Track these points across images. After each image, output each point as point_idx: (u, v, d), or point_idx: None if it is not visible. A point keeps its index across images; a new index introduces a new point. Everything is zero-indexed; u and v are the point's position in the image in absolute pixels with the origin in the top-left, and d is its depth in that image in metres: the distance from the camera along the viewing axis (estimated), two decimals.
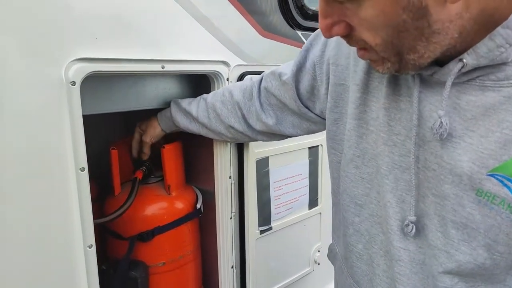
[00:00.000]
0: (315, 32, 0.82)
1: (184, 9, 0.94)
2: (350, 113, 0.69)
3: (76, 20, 0.77)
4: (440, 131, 0.52)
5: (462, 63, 0.50)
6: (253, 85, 0.95)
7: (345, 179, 0.72)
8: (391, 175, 0.62)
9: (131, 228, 1.08)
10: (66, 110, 0.77)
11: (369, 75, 0.66)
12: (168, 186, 1.14)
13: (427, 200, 0.58)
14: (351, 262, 0.74)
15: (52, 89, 0.75)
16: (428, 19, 0.46)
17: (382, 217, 0.66)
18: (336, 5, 0.50)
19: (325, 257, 1.50)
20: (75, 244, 0.82)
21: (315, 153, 1.42)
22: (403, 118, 0.60)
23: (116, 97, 0.99)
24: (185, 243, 1.17)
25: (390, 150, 0.62)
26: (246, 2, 1.10)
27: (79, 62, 0.78)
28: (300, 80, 0.83)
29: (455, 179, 0.54)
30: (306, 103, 0.85)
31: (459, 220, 0.54)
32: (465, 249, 0.55)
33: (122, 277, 1.04)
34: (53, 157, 0.77)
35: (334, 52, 0.74)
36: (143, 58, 0.89)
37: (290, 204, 1.36)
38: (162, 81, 1.09)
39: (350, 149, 0.70)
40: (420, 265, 0.62)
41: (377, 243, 0.68)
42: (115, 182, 1.12)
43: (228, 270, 1.22)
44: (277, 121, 0.91)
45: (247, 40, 1.12)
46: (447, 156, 0.54)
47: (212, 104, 0.99)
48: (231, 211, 1.19)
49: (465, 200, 0.53)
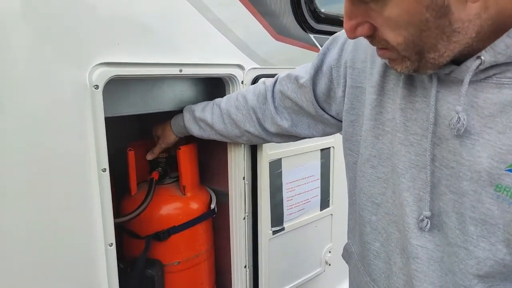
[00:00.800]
0: (332, 37, 0.84)
1: (201, 13, 0.97)
2: (366, 114, 0.71)
3: (99, 26, 0.80)
4: (457, 126, 0.54)
5: (480, 60, 0.51)
6: (266, 89, 0.96)
7: (362, 179, 0.74)
8: (407, 174, 0.63)
9: (148, 227, 1.11)
10: (90, 112, 0.80)
11: (385, 78, 0.68)
12: (183, 187, 1.16)
13: (445, 198, 0.59)
14: (368, 260, 0.75)
15: (76, 92, 0.78)
16: (450, 18, 0.48)
17: (397, 215, 0.67)
18: (361, 6, 0.52)
19: (336, 258, 1.52)
20: (96, 242, 0.85)
21: (327, 155, 1.43)
22: (419, 118, 0.61)
23: (135, 100, 1.02)
24: (199, 243, 1.20)
25: (406, 150, 0.63)
26: (260, 7, 1.12)
27: (102, 67, 0.80)
28: (317, 83, 0.85)
29: (474, 176, 0.54)
30: (322, 105, 0.87)
31: (478, 216, 0.55)
32: (484, 245, 0.55)
33: (139, 275, 1.06)
34: (76, 158, 0.80)
35: (351, 56, 0.76)
36: (162, 62, 0.91)
37: (302, 205, 1.38)
38: (179, 84, 1.11)
39: (366, 150, 0.71)
40: (438, 262, 0.62)
41: (393, 241, 0.69)
42: (131, 182, 1.15)
43: (241, 269, 1.25)
44: (292, 123, 0.94)
45: (261, 43, 1.14)
46: (466, 153, 0.55)
47: (226, 110, 1.01)
48: (244, 211, 1.21)
49: (483, 196, 0.54)
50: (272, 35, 1.18)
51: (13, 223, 0.73)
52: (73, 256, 0.82)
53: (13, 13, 0.68)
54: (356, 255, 0.83)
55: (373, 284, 0.75)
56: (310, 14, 1.29)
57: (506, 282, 0.57)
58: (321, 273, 1.55)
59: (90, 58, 0.79)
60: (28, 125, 0.72)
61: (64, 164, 0.78)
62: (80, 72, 0.78)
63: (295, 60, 1.26)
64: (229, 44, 1.06)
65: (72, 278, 0.83)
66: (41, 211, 0.76)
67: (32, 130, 0.73)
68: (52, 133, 0.76)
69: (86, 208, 0.82)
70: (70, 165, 0.79)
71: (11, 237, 0.73)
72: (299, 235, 1.41)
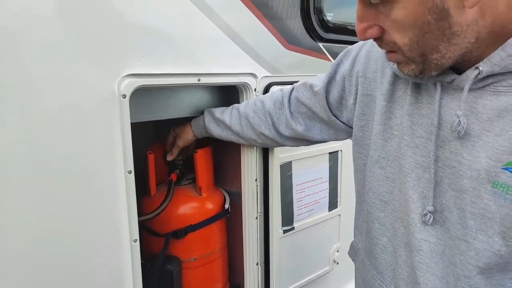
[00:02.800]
0: (345, 50, 0.91)
1: (219, 28, 1.04)
2: (376, 120, 0.78)
3: (128, 41, 0.87)
4: (458, 128, 0.60)
5: (478, 70, 0.58)
6: (283, 95, 1.04)
7: (371, 178, 0.80)
8: (413, 174, 0.69)
9: (166, 225, 1.18)
10: (118, 119, 0.87)
11: (394, 86, 0.75)
12: (199, 188, 1.23)
13: (447, 195, 0.65)
14: (376, 254, 0.81)
15: (107, 101, 0.85)
16: (449, 21, 0.55)
17: (402, 212, 0.73)
18: (371, 10, 0.59)
19: (344, 257, 1.57)
20: (123, 238, 0.92)
21: (335, 158, 1.49)
22: (424, 122, 0.68)
23: (156, 107, 1.09)
24: (214, 241, 1.26)
25: (412, 151, 0.69)
26: (272, 19, 1.19)
27: (129, 78, 0.88)
28: (330, 91, 0.92)
29: (473, 174, 0.60)
30: (334, 112, 0.93)
31: (477, 211, 0.60)
32: (482, 237, 0.61)
33: (159, 270, 1.13)
34: (105, 161, 0.88)
35: (362, 67, 0.83)
36: (182, 73, 0.99)
37: (311, 206, 1.44)
38: (196, 92, 1.19)
39: (376, 152, 0.78)
40: (440, 255, 0.68)
41: (399, 236, 0.75)
42: (151, 183, 1.22)
43: (253, 267, 1.31)
44: (306, 127, 1.00)
45: (273, 53, 1.21)
46: (466, 153, 0.61)
47: (244, 113, 1.08)
48: (256, 211, 1.27)
49: (482, 192, 0.59)
50: (283, 44, 1.25)
51: (49, 220, 0.81)
52: (102, 250, 0.90)
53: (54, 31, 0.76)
54: (362, 251, 0.88)
55: (379, 277, 0.81)
56: (319, 23, 1.36)
57: (503, 273, 0.63)
58: (329, 272, 1.60)
59: (119, 70, 0.86)
60: (62, 131, 0.80)
61: (94, 166, 0.86)
62: (110, 83, 0.85)
63: (305, 68, 1.33)
64: (243, 55, 1.13)
65: (101, 270, 0.90)
66: (73, 209, 0.84)
67: (66, 135, 0.81)
68: (84, 138, 0.83)
69: (114, 206, 0.90)
70: (99, 167, 0.87)
71: (49, 233, 0.81)
72: (308, 234, 1.47)
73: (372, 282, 0.84)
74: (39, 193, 0.79)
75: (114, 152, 0.88)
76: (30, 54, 0.74)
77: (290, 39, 1.27)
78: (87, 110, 0.83)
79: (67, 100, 0.80)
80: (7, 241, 0.76)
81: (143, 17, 0.90)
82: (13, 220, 0.76)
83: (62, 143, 0.80)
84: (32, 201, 0.78)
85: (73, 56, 0.80)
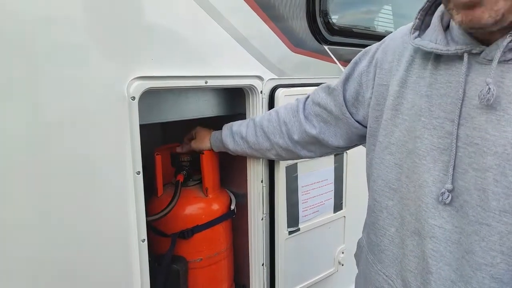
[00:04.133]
0: (364, 50, 0.91)
1: (226, 31, 1.06)
2: (387, 105, 0.77)
3: (137, 44, 0.89)
4: (487, 96, 0.58)
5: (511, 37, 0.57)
6: (298, 102, 1.05)
7: (380, 166, 0.78)
8: (428, 157, 0.67)
9: (173, 226, 1.20)
10: (127, 121, 0.89)
11: (408, 72, 0.74)
12: (206, 189, 1.25)
13: (467, 176, 0.62)
14: (383, 246, 0.79)
15: (116, 103, 0.87)
16: None
17: (410, 199, 0.71)
18: None
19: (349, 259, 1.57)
20: (131, 238, 0.94)
21: (340, 159, 1.49)
22: (443, 102, 0.66)
23: (164, 109, 1.11)
24: (220, 241, 1.28)
25: (429, 133, 0.67)
26: (279, 22, 1.20)
27: (138, 80, 0.90)
28: (347, 88, 0.92)
29: (498, 150, 0.58)
30: (350, 109, 0.92)
31: (501, 190, 0.58)
32: (507, 219, 0.58)
33: (166, 270, 1.15)
34: (115, 162, 0.89)
35: (380, 59, 0.83)
36: (190, 75, 1.00)
37: (316, 207, 1.45)
38: (203, 94, 1.20)
39: (386, 137, 0.77)
40: (455, 244, 0.64)
41: (405, 225, 0.72)
42: (158, 184, 1.24)
43: (259, 267, 1.32)
44: (320, 130, 0.99)
45: (280, 56, 1.23)
46: (491, 128, 0.59)
47: (259, 123, 1.09)
48: (262, 212, 1.29)
49: (507, 169, 0.57)
50: (289, 47, 1.26)
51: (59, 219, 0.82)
52: (111, 249, 0.91)
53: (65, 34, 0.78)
54: (366, 248, 0.88)
55: (383, 271, 0.79)
56: (325, 26, 1.37)
57: None
58: (334, 273, 1.61)
59: (128, 73, 0.88)
60: (72, 132, 0.82)
61: (104, 167, 0.88)
62: (120, 85, 0.87)
63: (311, 70, 1.34)
64: (250, 57, 1.14)
65: (110, 269, 0.92)
66: (83, 209, 0.86)
67: (76, 136, 0.83)
68: (94, 139, 0.85)
69: (123, 207, 0.92)
70: (109, 168, 0.89)
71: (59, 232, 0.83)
72: (314, 236, 1.48)
73: (376, 278, 0.81)
74: (49, 193, 0.80)
75: (123, 153, 0.90)
76: (41, 57, 0.76)
77: (296, 42, 1.28)
78: (97, 111, 0.85)
79: (77, 102, 0.82)
80: (18, 240, 0.78)
81: (153, 21, 0.91)
82: (23, 219, 0.78)
83: (72, 144, 0.82)
84: (42, 201, 0.80)
85: (83, 58, 0.81)
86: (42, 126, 0.78)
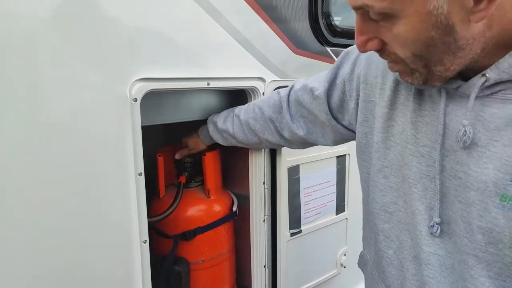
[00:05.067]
0: (345, 51, 0.90)
1: (228, 33, 1.06)
2: (377, 127, 0.76)
3: (139, 46, 0.89)
4: (463, 138, 0.57)
5: (485, 77, 0.55)
6: (281, 99, 1.03)
7: (375, 188, 0.78)
8: (419, 184, 0.66)
9: (175, 227, 1.20)
10: (129, 122, 0.89)
11: (396, 93, 0.73)
12: (207, 190, 1.25)
13: (453, 207, 0.62)
14: (382, 267, 0.79)
15: (118, 105, 0.87)
16: (455, 36, 0.52)
17: (409, 224, 0.70)
18: (371, 23, 0.57)
19: (351, 261, 1.57)
20: (132, 239, 0.94)
21: (342, 161, 1.49)
22: (428, 131, 0.65)
23: (166, 110, 1.11)
24: (222, 243, 1.28)
25: (417, 161, 0.66)
26: (281, 24, 1.20)
27: (140, 82, 0.90)
28: (331, 95, 0.91)
29: (480, 186, 0.57)
30: (335, 115, 0.92)
31: (485, 225, 0.57)
32: (492, 250, 0.58)
33: (168, 271, 1.15)
34: (117, 163, 0.89)
35: (363, 72, 0.81)
36: (192, 77, 1.01)
37: (318, 209, 1.44)
38: (205, 95, 1.20)
39: (379, 160, 0.76)
40: (450, 269, 0.65)
41: (406, 249, 0.71)
42: (160, 185, 1.24)
43: (261, 269, 1.32)
44: (307, 131, 1.00)
45: (282, 57, 1.23)
46: (473, 164, 0.58)
47: (245, 121, 1.08)
48: (264, 214, 1.28)
49: (490, 205, 0.56)
50: (291, 49, 1.26)
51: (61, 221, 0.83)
52: (112, 250, 0.91)
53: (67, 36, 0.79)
54: (371, 263, 0.86)
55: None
56: (327, 28, 1.37)
57: None
58: (336, 275, 1.60)
59: (130, 75, 0.88)
60: (74, 133, 0.82)
61: (106, 168, 0.88)
62: (122, 87, 0.87)
63: (313, 72, 1.31)
64: (252, 59, 1.14)
65: (111, 270, 0.92)
66: (84, 210, 0.86)
67: (78, 137, 0.83)
68: (96, 140, 0.85)
69: (124, 208, 0.92)
70: (111, 169, 0.89)
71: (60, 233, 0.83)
72: (316, 237, 1.47)
73: None
74: (51, 194, 0.81)
75: (125, 154, 0.90)
76: (44, 59, 0.76)
77: (298, 43, 1.28)
78: (99, 113, 0.85)
79: (79, 104, 0.82)
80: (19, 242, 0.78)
81: (155, 23, 0.92)
82: (25, 220, 0.78)
83: (74, 145, 0.82)
84: (44, 202, 0.80)
85: (86, 60, 0.82)
86: (44, 127, 0.78)
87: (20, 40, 0.73)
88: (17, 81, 0.74)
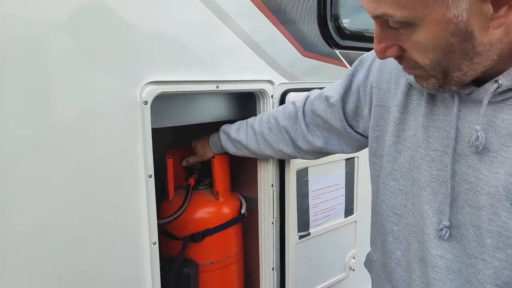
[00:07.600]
0: (359, 58, 0.91)
1: (236, 35, 1.06)
2: (389, 131, 0.77)
3: (150, 50, 0.90)
4: (476, 143, 0.58)
5: (498, 84, 0.57)
6: (297, 109, 1.03)
7: (384, 191, 0.79)
8: (428, 188, 0.67)
9: (184, 229, 1.20)
10: (140, 125, 0.90)
11: (408, 98, 0.74)
12: (216, 192, 1.25)
13: (463, 211, 0.63)
14: (390, 268, 0.80)
15: (129, 108, 0.88)
16: (473, 42, 0.54)
17: (417, 226, 0.71)
18: (391, 31, 0.58)
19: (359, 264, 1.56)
20: (142, 241, 0.95)
21: (351, 164, 1.49)
22: (440, 135, 0.66)
23: (175, 113, 1.12)
24: (230, 245, 1.28)
25: (428, 165, 0.68)
26: (290, 27, 1.21)
27: (151, 85, 0.91)
28: (346, 102, 0.91)
29: (491, 190, 0.58)
30: (350, 123, 0.93)
31: (495, 229, 0.58)
32: (501, 256, 0.59)
33: (177, 273, 1.15)
34: (127, 165, 0.90)
35: (376, 77, 0.82)
36: (201, 80, 1.01)
37: (327, 212, 1.44)
38: (214, 98, 1.21)
39: (389, 163, 0.77)
40: (456, 273, 0.66)
41: (413, 251, 0.73)
42: (169, 187, 1.25)
43: (269, 272, 1.32)
44: (324, 140, 1.00)
45: (290, 60, 1.23)
46: (484, 169, 0.59)
47: (260, 131, 1.09)
48: (272, 217, 1.28)
49: (500, 210, 0.58)
50: (300, 52, 1.26)
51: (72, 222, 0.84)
52: (122, 252, 0.92)
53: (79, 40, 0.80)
54: (378, 264, 0.87)
55: None
56: (336, 30, 1.37)
57: None
58: (345, 278, 1.60)
59: (141, 78, 0.89)
60: (86, 136, 0.83)
61: (116, 170, 0.89)
62: (133, 90, 0.88)
63: (322, 74, 1.34)
64: (261, 62, 1.15)
65: (121, 272, 0.93)
66: (95, 212, 0.87)
67: (90, 139, 0.84)
68: (107, 142, 0.87)
69: (135, 210, 0.93)
70: (121, 171, 0.90)
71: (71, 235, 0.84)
72: (324, 240, 1.47)
73: None
74: (62, 196, 0.82)
75: (136, 156, 0.91)
76: (56, 62, 0.77)
77: (307, 46, 1.28)
78: (110, 116, 0.86)
79: (91, 106, 0.83)
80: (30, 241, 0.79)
81: (165, 27, 0.93)
82: (35, 220, 0.79)
83: (85, 148, 0.84)
84: (55, 203, 0.81)
85: (97, 64, 0.83)
86: (56, 129, 0.79)
87: (33, 44, 0.75)
88: (30, 84, 0.75)
